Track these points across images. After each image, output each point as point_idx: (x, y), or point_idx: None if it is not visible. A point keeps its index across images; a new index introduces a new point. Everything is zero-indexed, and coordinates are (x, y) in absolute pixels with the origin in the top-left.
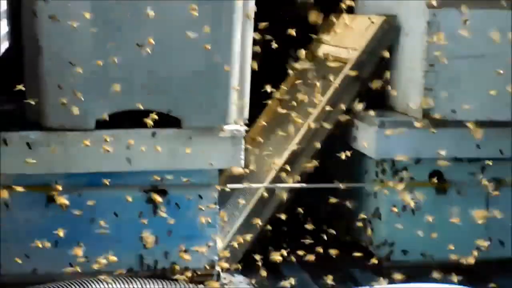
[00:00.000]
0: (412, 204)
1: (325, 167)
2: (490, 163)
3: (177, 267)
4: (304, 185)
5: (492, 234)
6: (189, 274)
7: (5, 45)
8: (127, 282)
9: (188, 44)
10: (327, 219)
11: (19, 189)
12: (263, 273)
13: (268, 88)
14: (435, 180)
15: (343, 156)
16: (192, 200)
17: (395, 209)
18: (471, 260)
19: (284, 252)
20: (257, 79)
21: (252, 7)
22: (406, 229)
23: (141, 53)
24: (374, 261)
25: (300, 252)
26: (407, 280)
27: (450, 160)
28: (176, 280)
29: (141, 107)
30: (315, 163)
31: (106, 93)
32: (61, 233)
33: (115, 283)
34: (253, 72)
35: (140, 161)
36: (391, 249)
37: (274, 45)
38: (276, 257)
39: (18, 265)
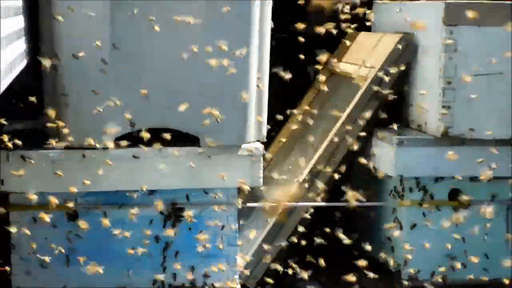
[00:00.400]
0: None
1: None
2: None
3: (198, 286)
4: (323, 203)
5: None
6: None
7: (23, 63)
8: None
9: (205, 62)
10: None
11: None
12: None
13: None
14: (455, 199)
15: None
16: (211, 219)
17: (413, 228)
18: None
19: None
20: (275, 96)
21: (268, 23)
22: (423, 247)
23: (159, 72)
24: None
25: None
26: None
27: (469, 179)
28: None
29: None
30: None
31: (125, 112)
32: (81, 259)
33: None
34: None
35: (159, 180)
36: (409, 269)
37: (301, 56)
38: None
39: (35, 282)
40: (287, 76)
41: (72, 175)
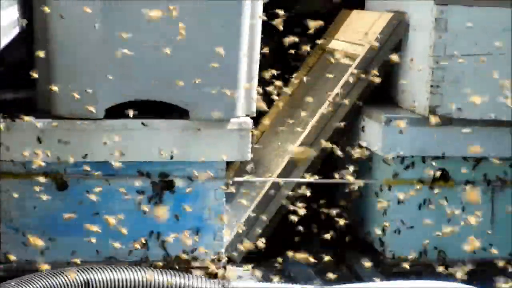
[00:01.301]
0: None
1: (332, 163)
2: (497, 161)
3: (183, 259)
4: (311, 180)
5: (497, 234)
6: (195, 265)
7: (16, 31)
8: (137, 271)
9: (197, 35)
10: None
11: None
12: (268, 267)
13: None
14: (440, 178)
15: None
16: (199, 192)
17: (400, 206)
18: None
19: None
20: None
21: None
22: (409, 227)
23: (150, 45)
24: (376, 256)
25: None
26: (411, 277)
27: (455, 158)
28: (183, 271)
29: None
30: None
31: (115, 83)
32: (67, 215)
33: (126, 271)
34: (261, 65)
35: (148, 151)
36: (396, 247)
37: (293, 38)
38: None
39: (26, 253)
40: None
41: (62, 145)
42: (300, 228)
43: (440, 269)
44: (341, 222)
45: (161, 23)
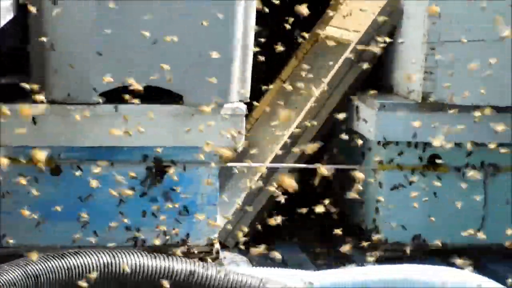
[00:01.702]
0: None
1: (326, 149)
2: (492, 146)
3: (177, 244)
4: (304, 165)
5: (489, 220)
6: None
7: (10, 15)
8: (132, 255)
9: (191, 21)
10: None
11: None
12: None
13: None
14: (433, 163)
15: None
16: (193, 177)
17: (393, 191)
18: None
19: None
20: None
21: None
22: (402, 212)
23: (143, 30)
24: (369, 242)
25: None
26: (405, 261)
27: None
28: (175, 255)
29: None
30: (316, 145)
31: (109, 69)
32: (58, 208)
33: (117, 256)
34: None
35: (142, 137)
36: (387, 231)
37: (287, 26)
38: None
39: (20, 237)
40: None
41: (55, 130)
42: (294, 214)
43: (433, 254)
44: (333, 209)
45: (155, 9)
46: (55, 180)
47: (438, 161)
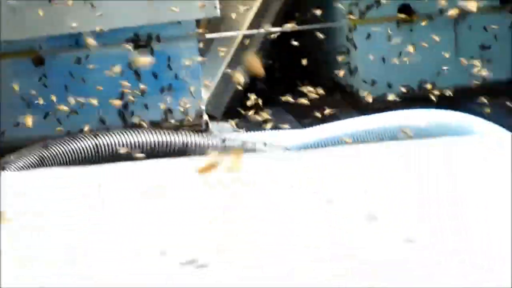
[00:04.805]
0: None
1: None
2: None
3: (165, 118)
4: (280, 29)
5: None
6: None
7: None
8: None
9: None
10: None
11: None
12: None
13: None
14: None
15: None
16: (175, 53)
17: (367, 43)
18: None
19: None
20: None
21: None
22: (379, 63)
23: None
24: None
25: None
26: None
27: None
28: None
29: None
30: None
31: None
32: (54, 98)
33: (130, 135)
34: None
35: (119, 17)
36: (364, 84)
37: None
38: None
39: (14, 130)
40: None
41: (34, 21)
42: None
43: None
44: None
45: None
46: (39, 70)
47: (409, 10)
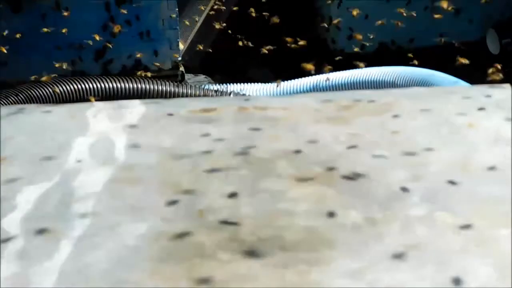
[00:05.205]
0: None
1: None
2: None
3: (142, 68)
4: None
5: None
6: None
7: None
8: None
9: None
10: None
11: None
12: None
13: None
14: None
15: None
16: (152, 4)
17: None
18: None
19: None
20: None
21: None
22: (361, 20)
23: None
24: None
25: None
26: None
27: None
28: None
29: None
30: None
31: None
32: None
33: (97, 82)
34: None
35: None
36: (347, 42)
37: None
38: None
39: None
40: None
41: None
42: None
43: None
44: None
45: None
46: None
47: None
